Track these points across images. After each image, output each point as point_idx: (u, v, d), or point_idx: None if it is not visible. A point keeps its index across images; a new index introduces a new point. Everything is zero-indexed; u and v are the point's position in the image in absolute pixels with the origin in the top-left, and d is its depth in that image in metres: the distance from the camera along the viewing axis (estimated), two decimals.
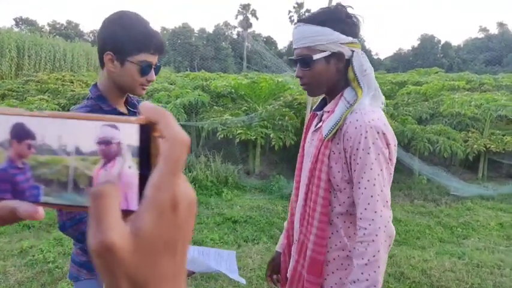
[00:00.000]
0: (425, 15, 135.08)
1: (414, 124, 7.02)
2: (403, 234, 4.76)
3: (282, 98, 8.10)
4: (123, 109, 1.48)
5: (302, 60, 1.38)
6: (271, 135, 6.67)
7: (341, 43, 1.33)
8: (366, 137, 1.27)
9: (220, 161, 6.79)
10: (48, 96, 8.81)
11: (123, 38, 1.32)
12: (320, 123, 1.44)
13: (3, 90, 10.25)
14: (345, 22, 1.35)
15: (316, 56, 1.34)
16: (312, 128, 1.51)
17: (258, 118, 7.14)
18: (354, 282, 1.27)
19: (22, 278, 3.39)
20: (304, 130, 1.59)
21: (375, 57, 66.94)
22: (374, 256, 1.24)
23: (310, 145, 1.48)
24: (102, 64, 1.39)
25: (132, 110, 1.53)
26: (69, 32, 56.43)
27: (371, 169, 1.27)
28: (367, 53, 62.81)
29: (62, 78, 12.59)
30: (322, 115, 1.46)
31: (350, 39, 1.35)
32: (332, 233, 1.38)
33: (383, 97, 1.41)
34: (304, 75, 1.40)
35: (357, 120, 1.29)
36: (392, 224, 1.30)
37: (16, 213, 0.32)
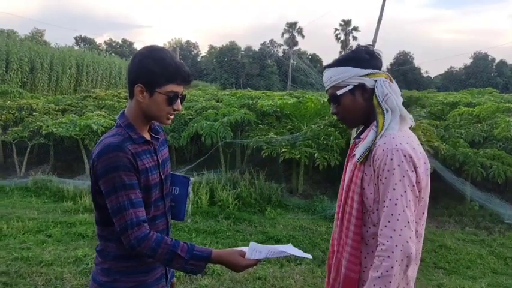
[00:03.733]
0: (478, 32, 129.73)
1: (466, 147, 6.75)
2: (453, 263, 4.56)
3: (327, 118, 8.09)
4: (147, 136, 1.56)
5: (331, 98, 1.56)
6: (315, 155, 6.66)
7: (360, 75, 1.48)
8: (391, 159, 1.35)
9: (264, 179, 6.87)
10: (105, 112, 9.36)
11: (154, 70, 1.42)
12: (355, 149, 1.55)
13: (63, 105, 11.02)
14: (362, 58, 1.50)
15: (339, 92, 1.52)
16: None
17: (302, 137, 7.16)
18: None
19: (77, 285, 3.61)
20: (347, 158, 1.68)
21: (425, 75, 64.93)
22: (387, 271, 1.31)
23: (348, 171, 1.59)
24: (131, 95, 1.50)
25: (155, 136, 1.60)
26: (124, 50, 59.56)
27: (394, 189, 1.34)
28: (416, 70, 61.58)
29: (118, 95, 13.33)
30: (359, 142, 1.57)
31: (369, 70, 1.49)
32: (368, 253, 1.46)
33: (410, 115, 1.51)
34: (338, 111, 1.58)
35: (385, 143, 1.39)
36: (413, 244, 1.33)
37: None
